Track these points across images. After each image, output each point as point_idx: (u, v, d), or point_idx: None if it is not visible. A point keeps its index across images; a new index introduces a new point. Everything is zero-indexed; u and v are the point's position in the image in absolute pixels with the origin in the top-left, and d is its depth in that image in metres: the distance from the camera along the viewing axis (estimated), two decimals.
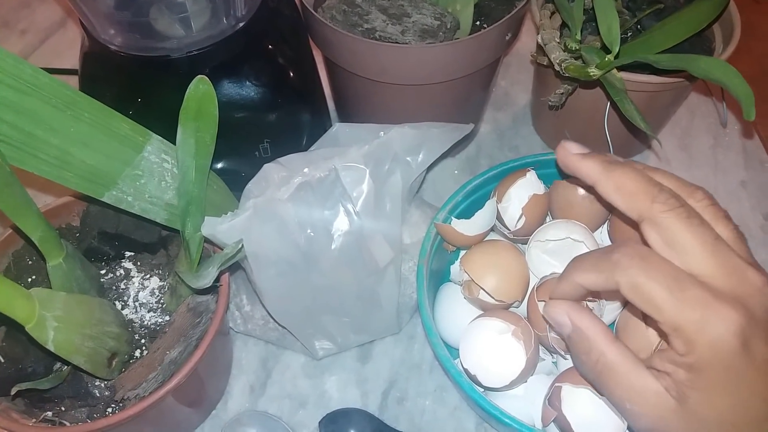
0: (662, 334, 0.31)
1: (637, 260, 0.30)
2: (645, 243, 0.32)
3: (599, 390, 0.34)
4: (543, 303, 0.41)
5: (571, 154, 0.35)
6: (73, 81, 0.48)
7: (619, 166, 0.32)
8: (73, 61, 0.52)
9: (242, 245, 0.39)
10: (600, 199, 0.34)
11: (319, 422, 0.48)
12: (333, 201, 0.44)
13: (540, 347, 0.45)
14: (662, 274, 0.29)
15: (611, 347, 0.32)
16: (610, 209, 0.50)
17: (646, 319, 0.40)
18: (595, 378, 0.33)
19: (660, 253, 0.30)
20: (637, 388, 0.31)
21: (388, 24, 0.52)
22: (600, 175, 0.33)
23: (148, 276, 0.47)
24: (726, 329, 0.28)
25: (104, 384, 0.42)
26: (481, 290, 0.45)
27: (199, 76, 0.38)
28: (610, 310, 0.48)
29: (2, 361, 0.42)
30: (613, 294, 0.45)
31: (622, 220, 0.46)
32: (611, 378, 0.32)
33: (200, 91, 0.38)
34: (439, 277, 0.52)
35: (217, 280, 0.43)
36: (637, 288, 0.30)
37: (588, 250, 0.47)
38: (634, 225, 0.32)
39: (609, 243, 0.52)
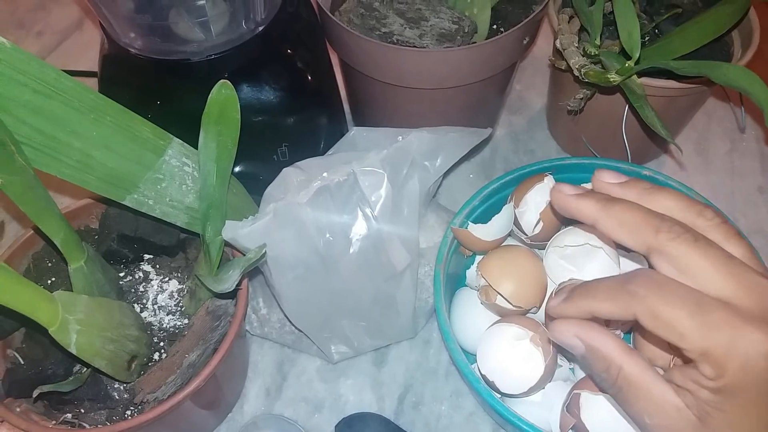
0: (687, 361, 0.30)
1: (654, 288, 0.29)
2: None
3: (619, 403, 0.33)
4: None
5: (567, 195, 0.34)
6: (90, 83, 0.48)
7: (617, 203, 0.32)
8: (89, 63, 0.52)
9: (265, 250, 0.39)
10: (603, 237, 0.33)
11: (335, 426, 0.48)
12: (352, 205, 0.44)
13: (558, 354, 0.45)
14: (682, 300, 0.29)
15: (629, 361, 0.31)
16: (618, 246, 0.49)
17: (672, 348, 0.39)
18: (615, 393, 0.32)
19: None
20: (657, 402, 0.30)
21: (405, 28, 0.52)
22: (599, 213, 0.32)
23: (166, 279, 0.47)
24: (757, 351, 0.27)
25: (123, 387, 0.42)
26: (499, 296, 0.45)
27: (221, 80, 0.38)
28: None
29: (22, 363, 0.42)
30: (627, 324, 0.44)
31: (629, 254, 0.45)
32: (631, 392, 0.31)
33: (223, 95, 0.38)
34: (455, 282, 0.51)
35: (238, 284, 0.43)
36: (658, 317, 0.29)
37: (607, 257, 0.47)
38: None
39: (626, 249, 0.52)
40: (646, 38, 0.56)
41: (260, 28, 0.47)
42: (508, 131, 0.68)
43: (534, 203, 0.49)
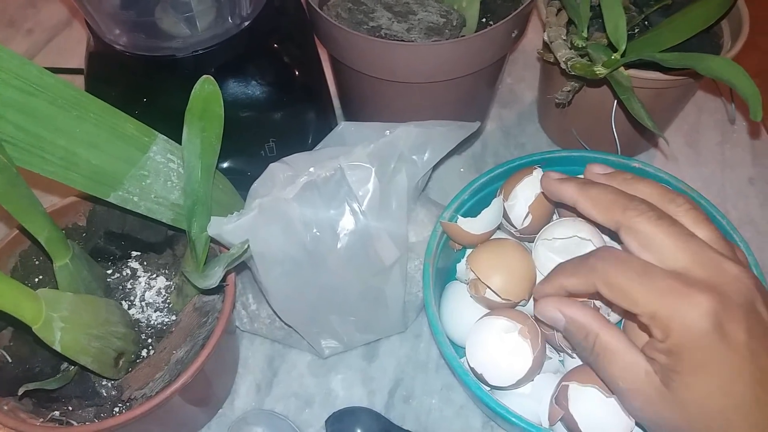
0: (643, 327, 0.33)
1: (611, 261, 0.33)
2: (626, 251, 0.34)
3: (597, 372, 0.36)
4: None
5: (552, 180, 0.39)
6: (79, 80, 0.48)
7: (594, 185, 0.36)
8: (78, 60, 0.52)
9: (248, 245, 0.39)
10: (584, 216, 0.37)
11: (326, 421, 0.48)
12: (339, 200, 0.44)
13: (547, 346, 0.45)
14: (634, 271, 0.32)
15: (604, 329, 0.34)
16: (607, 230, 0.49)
17: (627, 315, 0.41)
18: (593, 360, 0.35)
19: (638, 255, 0.33)
20: (628, 366, 0.33)
21: (393, 22, 0.52)
22: (578, 195, 0.36)
23: (154, 276, 0.47)
24: (698, 312, 0.30)
25: (111, 384, 0.42)
26: (488, 289, 0.45)
27: (204, 76, 0.38)
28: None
29: (10, 361, 0.42)
30: (594, 296, 0.46)
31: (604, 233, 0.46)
32: (606, 357, 0.34)
33: (206, 90, 0.38)
34: (445, 276, 0.51)
35: (224, 279, 0.43)
36: (612, 285, 0.32)
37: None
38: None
39: (616, 242, 0.52)
40: (636, 30, 0.56)
41: (246, 23, 0.47)
42: (499, 125, 0.68)
43: (523, 196, 0.49)
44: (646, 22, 0.56)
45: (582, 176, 0.49)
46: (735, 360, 0.30)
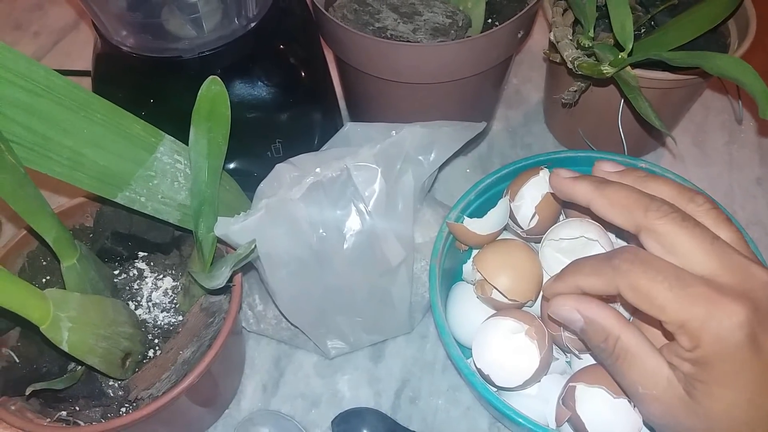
0: (668, 334, 0.31)
1: (637, 264, 0.31)
2: None
3: (615, 375, 0.34)
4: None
5: (564, 178, 0.36)
6: (86, 82, 0.49)
7: (610, 184, 0.33)
8: (85, 62, 0.52)
9: (255, 245, 0.39)
10: (599, 219, 0.35)
11: (332, 421, 0.48)
12: (345, 201, 0.44)
13: (554, 347, 0.45)
14: (663, 275, 0.30)
15: (626, 331, 0.32)
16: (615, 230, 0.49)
17: (649, 319, 0.40)
18: (612, 363, 0.33)
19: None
20: (650, 371, 0.31)
21: (399, 23, 0.52)
22: (593, 194, 0.34)
23: (161, 276, 0.47)
24: (731, 322, 0.28)
25: (118, 384, 0.42)
26: (494, 290, 0.45)
27: (211, 76, 0.38)
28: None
29: (17, 361, 0.42)
30: (613, 298, 0.45)
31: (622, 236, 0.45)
32: (627, 361, 0.32)
33: (212, 91, 0.38)
34: (451, 277, 0.51)
35: (230, 280, 0.43)
36: (638, 290, 0.30)
37: (603, 249, 0.47)
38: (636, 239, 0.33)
39: (623, 242, 0.52)
40: (642, 30, 0.56)
41: (252, 25, 0.47)
42: (505, 125, 0.68)
43: (530, 197, 0.49)
44: (652, 22, 0.56)
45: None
46: (765, 371, 0.29)
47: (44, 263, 0.46)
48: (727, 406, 0.29)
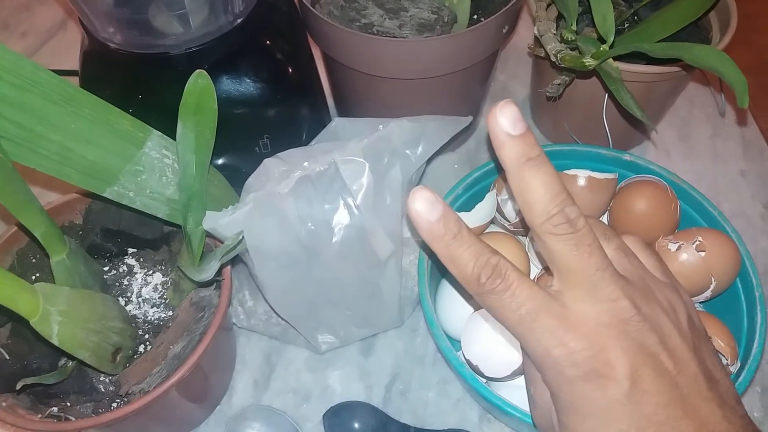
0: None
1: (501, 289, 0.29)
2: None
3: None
4: None
5: (501, 130, 0.29)
6: (74, 82, 0.48)
7: (534, 169, 0.29)
8: (73, 62, 0.52)
9: (243, 237, 0.39)
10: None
11: (323, 415, 0.48)
12: (333, 195, 0.44)
13: None
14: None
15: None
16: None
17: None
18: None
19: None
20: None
21: (385, 18, 0.53)
22: (514, 169, 0.29)
23: (150, 272, 0.47)
24: (570, 359, 0.28)
25: (109, 379, 0.42)
26: None
27: (197, 70, 0.38)
28: None
29: (7, 358, 0.42)
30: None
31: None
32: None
33: (199, 85, 0.38)
34: (440, 270, 0.52)
35: (219, 274, 0.43)
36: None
37: None
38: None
39: None
40: (626, 25, 0.57)
41: (239, 21, 0.47)
42: None
43: None
44: (635, 17, 0.57)
45: (575, 171, 0.50)
46: (611, 409, 0.28)
47: (33, 260, 0.46)
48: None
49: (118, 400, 0.42)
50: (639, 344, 0.28)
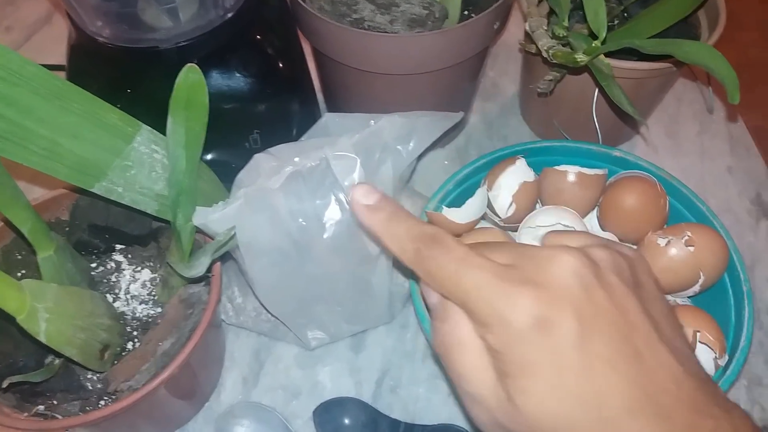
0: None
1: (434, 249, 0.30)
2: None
3: (446, 370, 0.32)
4: None
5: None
6: (60, 77, 0.48)
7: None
8: (59, 57, 0.52)
9: (234, 232, 0.39)
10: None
11: (313, 412, 0.48)
12: (324, 190, 0.44)
13: None
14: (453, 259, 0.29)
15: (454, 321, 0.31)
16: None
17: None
18: (447, 354, 0.31)
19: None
20: (476, 369, 0.29)
21: (376, 14, 0.52)
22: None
23: (139, 268, 0.47)
24: (517, 308, 0.27)
25: (97, 377, 0.42)
26: None
27: (188, 64, 0.37)
28: None
29: None
30: None
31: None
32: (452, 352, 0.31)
33: (190, 80, 0.37)
34: None
35: (209, 270, 0.43)
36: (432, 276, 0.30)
37: None
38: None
39: (599, 228, 0.53)
40: (616, 22, 0.57)
41: (229, 15, 0.47)
42: (482, 117, 0.69)
43: (507, 186, 0.50)
44: (625, 14, 0.57)
45: (565, 167, 0.50)
46: (563, 354, 0.27)
47: (19, 257, 0.45)
48: (538, 399, 0.27)
49: (105, 398, 0.41)
50: (586, 291, 0.28)
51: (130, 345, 0.43)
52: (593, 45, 0.47)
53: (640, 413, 0.26)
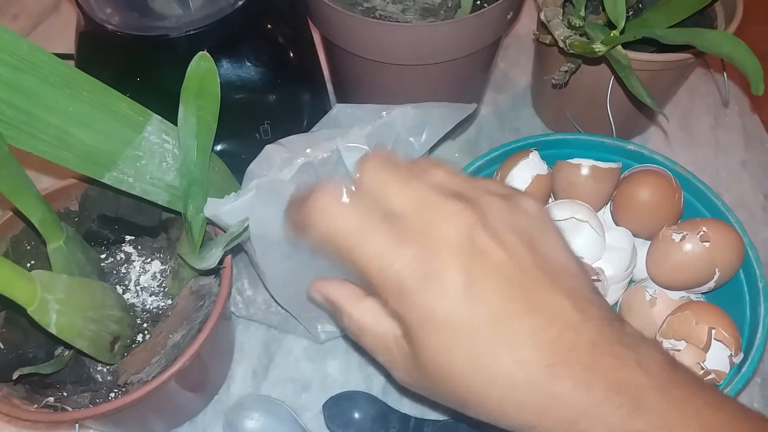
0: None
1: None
2: None
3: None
4: None
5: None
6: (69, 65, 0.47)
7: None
8: (66, 46, 0.51)
9: (248, 224, 0.38)
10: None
11: (323, 405, 0.48)
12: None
13: None
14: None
15: (356, 306, 0.31)
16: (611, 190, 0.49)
17: None
18: (358, 341, 0.32)
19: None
20: (379, 339, 0.30)
21: (388, 3, 0.52)
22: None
23: (149, 260, 0.46)
24: (400, 263, 0.27)
25: (107, 369, 0.42)
26: None
27: (200, 53, 0.37)
28: (614, 289, 0.48)
29: (2, 346, 0.41)
30: None
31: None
32: (361, 334, 0.31)
33: (202, 68, 0.37)
34: None
35: (220, 262, 0.42)
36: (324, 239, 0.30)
37: (593, 230, 0.47)
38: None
39: (612, 222, 0.52)
40: (630, 13, 0.56)
41: (240, 3, 0.46)
42: (493, 109, 0.68)
43: (520, 179, 0.49)
44: (640, 5, 0.56)
45: (579, 160, 0.49)
46: (451, 307, 0.26)
47: (28, 247, 0.45)
48: (434, 353, 0.27)
49: (116, 390, 0.41)
50: (468, 240, 0.27)
51: (140, 337, 0.43)
52: (612, 35, 0.46)
53: (535, 364, 0.25)
